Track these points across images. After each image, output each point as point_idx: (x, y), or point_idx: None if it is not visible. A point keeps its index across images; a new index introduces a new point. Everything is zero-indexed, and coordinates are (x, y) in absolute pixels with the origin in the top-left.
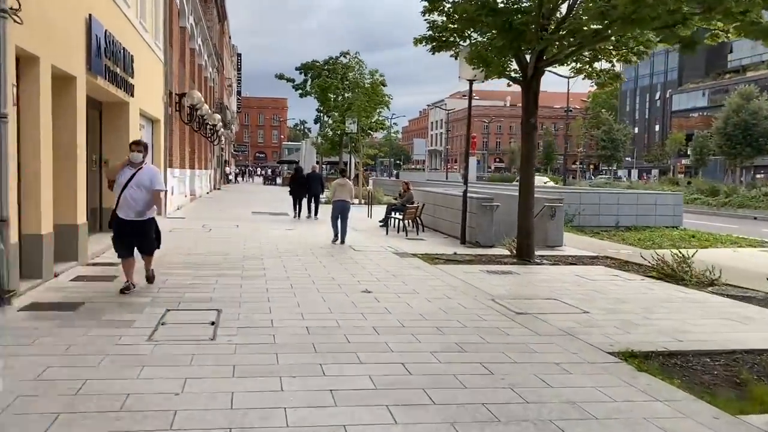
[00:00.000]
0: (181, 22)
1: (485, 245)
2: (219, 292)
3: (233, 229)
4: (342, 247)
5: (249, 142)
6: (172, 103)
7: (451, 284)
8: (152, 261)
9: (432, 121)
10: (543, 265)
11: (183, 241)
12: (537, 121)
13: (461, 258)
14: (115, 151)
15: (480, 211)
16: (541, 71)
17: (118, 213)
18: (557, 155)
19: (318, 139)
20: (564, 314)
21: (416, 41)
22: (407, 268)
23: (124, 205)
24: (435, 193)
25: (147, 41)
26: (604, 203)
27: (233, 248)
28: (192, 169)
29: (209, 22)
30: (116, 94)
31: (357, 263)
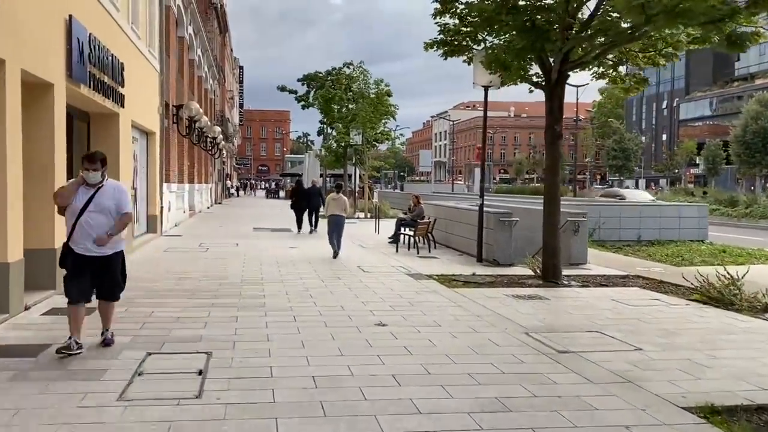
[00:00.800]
0: (179, 32)
1: (504, 264)
2: (211, 328)
3: (232, 247)
4: (348, 267)
5: (251, 155)
6: (169, 115)
7: (475, 313)
8: (113, 312)
9: (436, 132)
10: (572, 287)
11: (177, 262)
12: (562, 128)
13: (481, 280)
14: None
15: (498, 226)
16: (566, 74)
17: (73, 247)
18: (566, 165)
19: (322, 151)
20: (613, 352)
21: (427, 46)
22: (423, 293)
23: (80, 235)
24: (447, 207)
25: (140, 49)
26: (626, 216)
27: (231, 270)
28: (191, 184)
29: (209, 34)
30: (104, 104)
31: (368, 287)
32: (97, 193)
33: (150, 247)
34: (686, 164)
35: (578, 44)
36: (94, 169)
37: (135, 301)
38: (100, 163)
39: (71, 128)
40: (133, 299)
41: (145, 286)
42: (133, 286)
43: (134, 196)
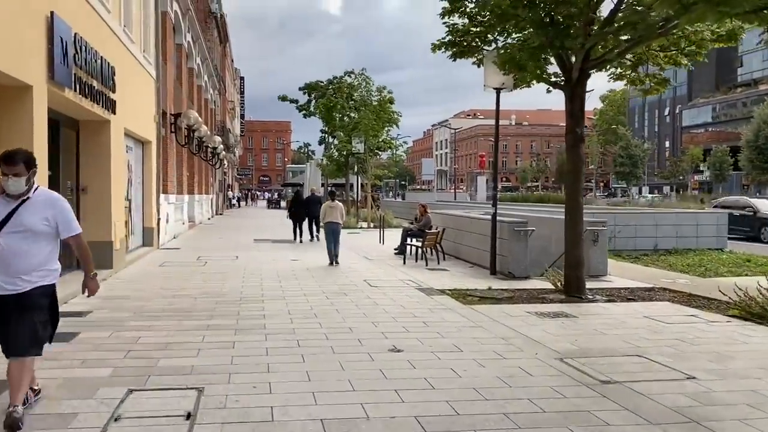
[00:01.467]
0: (177, 39)
1: (520, 276)
2: (204, 357)
3: (232, 261)
4: (354, 282)
5: (253, 166)
6: (166, 124)
7: (499, 335)
8: (29, 376)
9: (437, 141)
10: (597, 302)
11: (172, 278)
12: (584, 131)
13: (498, 295)
14: (94, 177)
15: (513, 236)
16: (588, 73)
17: None
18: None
19: (323, 160)
20: (663, 381)
21: (435, 47)
22: (438, 311)
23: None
24: (456, 217)
25: (133, 53)
26: (641, 224)
27: (230, 286)
28: (191, 195)
29: (209, 43)
30: (93, 111)
31: (377, 305)
32: (20, 207)
33: (145, 262)
34: (691, 171)
35: (603, 40)
36: (15, 173)
37: (122, 325)
38: (23, 165)
39: (57, 136)
40: (120, 322)
41: (134, 306)
42: (121, 307)
43: (128, 208)
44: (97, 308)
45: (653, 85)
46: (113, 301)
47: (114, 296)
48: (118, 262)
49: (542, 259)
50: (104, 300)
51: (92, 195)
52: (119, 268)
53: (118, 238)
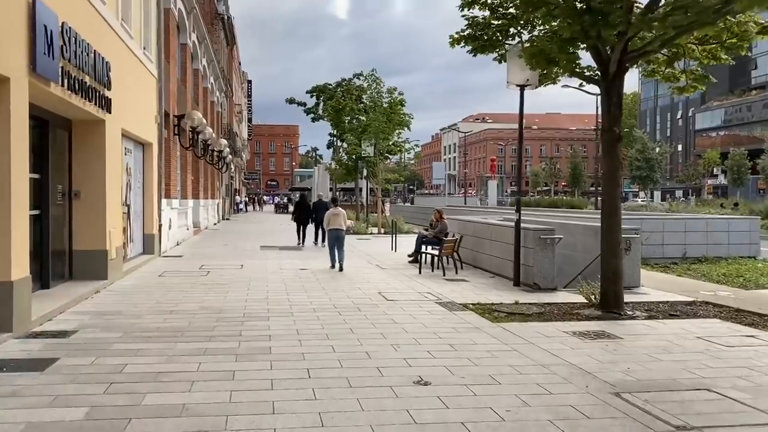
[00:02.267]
0: (182, 38)
1: (546, 288)
2: (199, 391)
3: (236, 270)
4: (368, 294)
5: (261, 170)
6: (169, 126)
7: (539, 361)
8: None
9: (445, 145)
10: (637, 319)
11: (171, 290)
12: (621, 130)
13: (527, 310)
14: (87, 181)
15: (538, 245)
16: (626, 67)
17: None
18: (587, 177)
19: (332, 164)
20: (752, 427)
21: (453, 41)
22: (464, 330)
23: None
24: (475, 223)
25: (132, 50)
26: (669, 230)
27: (232, 301)
28: (196, 199)
29: (216, 45)
30: (84, 109)
31: (395, 323)
32: None
33: (144, 272)
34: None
35: (647, 28)
36: None
37: (109, 348)
38: None
39: (45, 136)
40: (106, 344)
41: (126, 324)
42: (111, 326)
43: (127, 214)
44: (84, 326)
45: (690, 82)
46: (103, 318)
47: (105, 312)
48: (114, 273)
49: (567, 268)
50: (94, 316)
51: (85, 200)
52: (115, 279)
53: (113, 247)
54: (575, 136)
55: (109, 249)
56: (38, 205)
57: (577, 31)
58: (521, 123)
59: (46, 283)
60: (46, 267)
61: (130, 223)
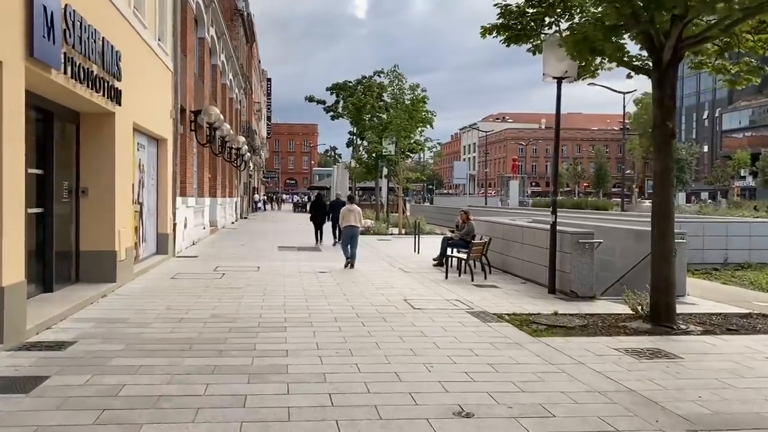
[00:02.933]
0: (200, 33)
1: (584, 296)
2: (204, 424)
3: (253, 272)
4: (393, 302)
5: (279, 169)
6: (185, 121)
7: (592, 385)
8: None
9: (465, 145)
10: (692, 334)
11: (182, 294)
12: (674, 125)
13: (568, 322)
14: (96, 177)
15: (576, 250)
16: (681, 55)
17: None
18: (613, 178)
19: (351, 163)
20: None
21: (485, 31)
22: (503, 346)
23: None
24: (504, 225)
25: (146, 40)
26: (710, 235)
27: (247, 306)
28: (213, 198)
29: (235, 41)
30: (91, 100)
31: (425, 336)
32: None
33: (156, 273)
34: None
35: (710, 10)
36: None
37: (107, 363)
38: None
39: (49, 129)
40: (106, 359)
41: (130, 334)
42: (113, 335)
43: (139, 212)
44: (85, 336)
45: (744, 74)
46: (107, 326)
47: (110, 319)
48: (124, 275)
49: (604, 274)
50: (97, 324)
51: (93, 198)
52: (125, 281)
53: (123, 247)
54: (597, 136)
55: (118, 250)
56: (41, 202)
57: (626, 15)
58: (558, 118)
59: (50, 286)
60: (50, 269)
61: (143, 222)
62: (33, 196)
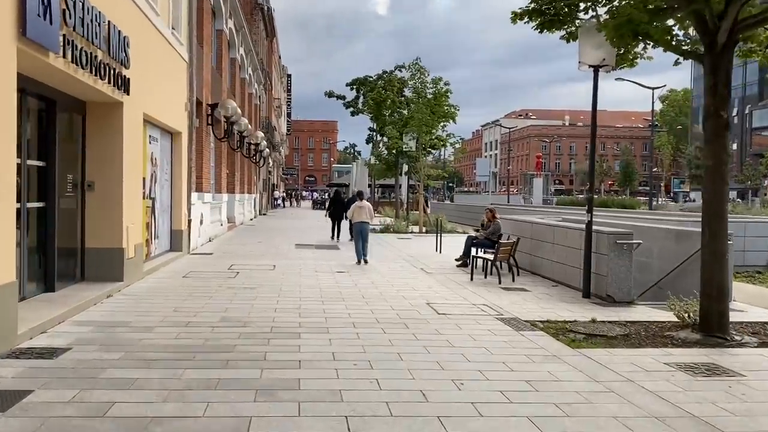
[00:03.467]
0: (218, 25)
1: (621, 301)
2: None
3: (268, 271)
4: (416, 306)
5: (299, 166)
6: (202, 115)
7: (648, 410)
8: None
9: (486, 142)
10: (748, 346)
11: (192, 295)
12: (729, 115)
13: (608, 330)
14: (102, 170)
15: (613, 251)
16: (737, 38)
17: None
18: (640, 176)
19: (371, 159)
20: None
21: (516, 16)
22: (540, 359)
23: None
24: (533, 224)
25: (158, 28)
26: (752, 235)
27: (259, 310)
28: (231, 194)
29: (255, 36)
30: (96, 88)
31: (452, 346)
32: None
33: (167, 271)
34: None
35: None
36: None
37: (99, 375)
38: None
39: (52, 118)
40: (99, 370)
41: (130, 340)
42: (112, 341)
43: (151, 208)
44: (81, 342)
45: None
46: (106, 331)
47: (111, 322)
48: (132, 273)
49: (640, 276)
50: (97, 328)
51: (100, 192)
52: (134, 280)
53: (132, 245)
54: (621, 134)
55: (126, 247)
56: (42, 196)
57: None
58: (594, 110)
59: (51, 286)
60: (51, 267)
61: (155, 218)
62: (34, 190)
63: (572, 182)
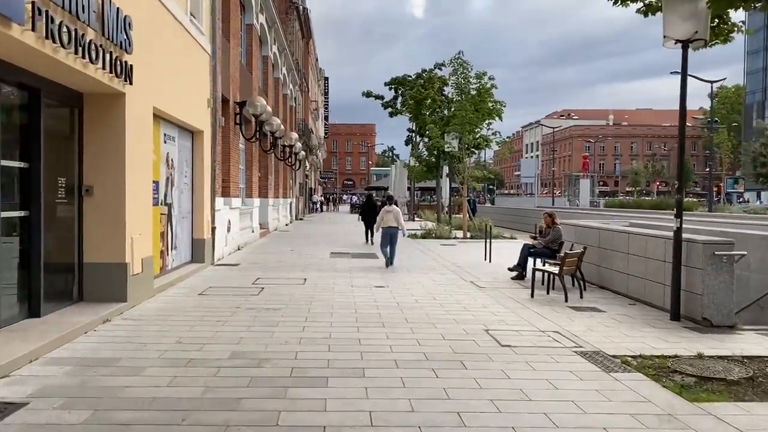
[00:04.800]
0: (247, 19)
1: (720, 325)
2: None
3: (297, 286)
4: (471, 333)
5: (337, 169)
6: (229, 113)
7: None
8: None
9: (527, 143)
10: None
11: (204, 320)
12: None
13: (724, 371)
14: (102, 173)
15: (711, 264)
16: None
17: None
18: (696, 176)
19: (410, 161)
20: None
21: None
22: (651, 422)
23: None
24: (601, 230)
25: (172, 11)
26: None
27: (280, 341)
28: (264, 198)
29: (290, 36)
30: (87, 73)
31: (528, 399)
32: None
33: (183, 287)
34: None
35: None
36: None
37: None
38: None
39: (37, 111)
40: None
41: (110, 388)
42: (85, 391)
43: (167, 215)
44: (44, 394)
45: None
46: (84, 374)
47: (95, 360)
48: (139, 292)
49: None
50: (73, 370)
51: (99, 198)
52: (140, 299)
53: (138, 258)
54: (669, 132)
55: (130, 262)
56: (24, 204)
57: None
58: (684, 95)
59: (36, 310)
60: (36, 288)
61: (172, 227)
62: (12, 196)
63: (617, 183)
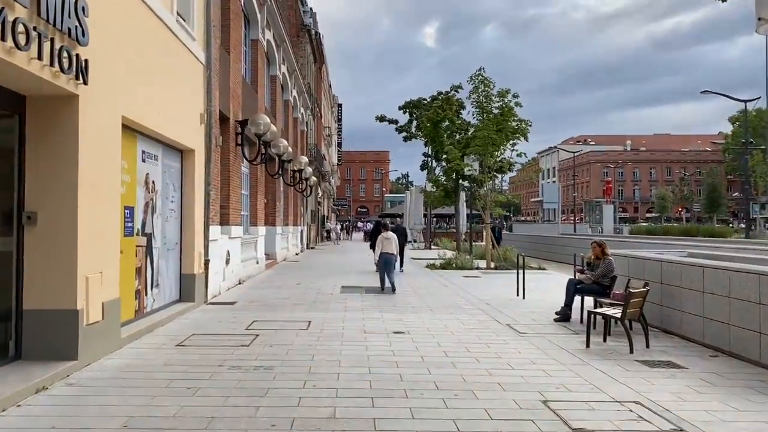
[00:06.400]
0: (252, 33)
1: None
2: None
3: (298, 333)
4: (525, 407)
5: (351, 197)
6: (228, 132)
7: None
8: None
9: (544, 169)
10: None
11: (169, 388)
12: None
13: None
14: (48, 195)
15: None
16: None
17: None
18: (730, 201)
19: (427, 186)
20: None
21: None
22: None
23: None
24: (663, 263)
25: (152, 8)
26: None
27: (265, 425)
28: (270, 226)
29: (302, 59)
30: (14, 64)
31: None
32: None
33: (160, 336)
34: None
35: None
36: None
37: None
38: None
39: None
40: None
41: None
42: None
43: (145, 247)
44: None
45: None
46: None
47: None
48: (97, 345)
49: None
50: None
51: (44, 227)
52: (99, 355)
53: (96, 303)
54: (689, 158)
55: (83, 307)
56: None
57: None
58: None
59: None
60: None
61: (153, 261)
62: None
63: (636, 209)
